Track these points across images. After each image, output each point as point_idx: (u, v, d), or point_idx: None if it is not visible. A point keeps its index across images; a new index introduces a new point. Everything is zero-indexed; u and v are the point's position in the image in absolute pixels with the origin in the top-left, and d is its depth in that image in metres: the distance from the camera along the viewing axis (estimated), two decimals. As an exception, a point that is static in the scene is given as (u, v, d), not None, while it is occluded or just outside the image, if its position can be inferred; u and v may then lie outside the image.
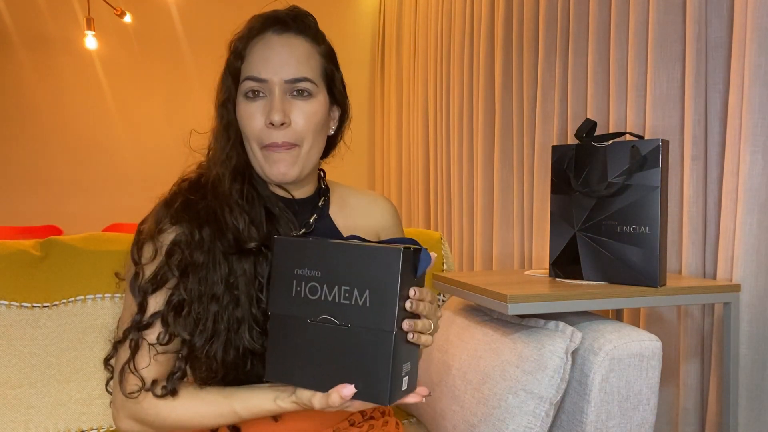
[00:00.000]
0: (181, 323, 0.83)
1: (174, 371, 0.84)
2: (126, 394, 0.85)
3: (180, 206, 0.88)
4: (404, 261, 0.72)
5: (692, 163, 1.48)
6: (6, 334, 1.17)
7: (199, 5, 3.87)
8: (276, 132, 0.88)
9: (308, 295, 0.77)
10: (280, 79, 0.88)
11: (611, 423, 1.08)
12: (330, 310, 0.76)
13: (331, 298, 0.75)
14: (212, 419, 0.84)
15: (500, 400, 1.11)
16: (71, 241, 1.26)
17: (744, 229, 1.33)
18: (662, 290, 1.24)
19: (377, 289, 0.73)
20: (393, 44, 3.66)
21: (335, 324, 0.75)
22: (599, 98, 1.81)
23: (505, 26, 2.33)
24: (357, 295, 0.74)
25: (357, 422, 1.00)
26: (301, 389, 0.78)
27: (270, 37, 0.90)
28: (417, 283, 0.77)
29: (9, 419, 1.16)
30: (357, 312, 0.74)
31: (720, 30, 1.46)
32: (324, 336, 0.76)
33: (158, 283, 0.85)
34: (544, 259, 2.07)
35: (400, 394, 0.76)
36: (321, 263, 0.76)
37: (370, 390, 0.73)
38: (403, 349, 0.75)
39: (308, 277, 0.77)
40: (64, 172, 3.80)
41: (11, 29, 3.71)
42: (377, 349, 0.73)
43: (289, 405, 0.80)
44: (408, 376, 0.77)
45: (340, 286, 0.75)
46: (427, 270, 0.77)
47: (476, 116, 2.59)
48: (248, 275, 0.86)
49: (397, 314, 0.73)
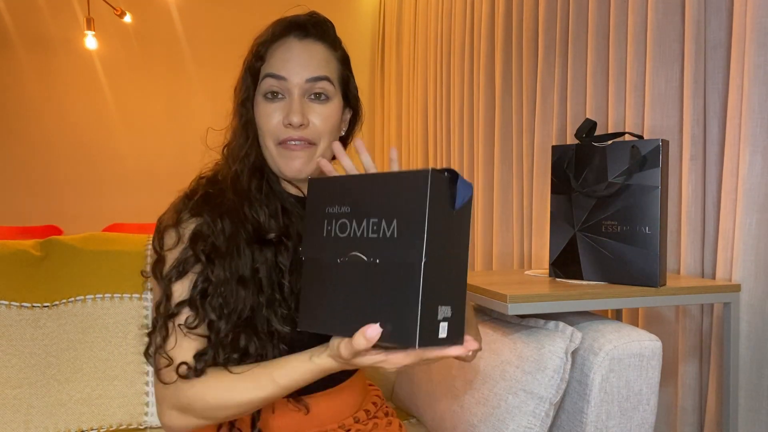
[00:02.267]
0: (209, 306, 0.84)
1: (201, 352, 0.83)
2: (163, 382, 0.83)
3: (200, 198, 0.91)
4: (434, 185, 0.65)
5: (691, 163, 1.48)
6: (6, 334, 1.17)
7: (199, 5, 3.87)
8: (293, 130, 0.91)
9: (338, 233, 0.72)
10: (300, 80, 0.91)
11: (611, 423, 1.08)
12: (358, 245, 0.70)
13: (360, 233, 0.70)
14: (252, 392, 0.81)
15: (500, 400, 1.11)
16: (71, 241, 1.26)
17: (743, 229, 1.33)
18: (662, 290, 1.24)
19: (405, 218, 0.66)
20: (393, 44, 3.66)
21: (363, 260, 0.69)
22: (598, 98, 1.81)
23: (505, 26, 2.33)
24: (385, 227, 0.68)
25: (362, 420, 1.00)
26: (333, 339, 0.74)
27: (291, 41, 0.94)
28: (457, 218, 0.69)
29: (9, 419, 1.16)
30: (385, 245, 0.68)
31: (719, 30, 1.46)
32: (353, 275, 0.70)
33: (182, 270, 0.86)
34: (544, 259, 2.08)
35: (435, 340, 0.67)
36: (350, 197, 0.72)
37: (399, 331, 0.66)
38: (439, 287, 0.67)
39: (338, 214, 0.72)
40: (64, 172, 3.80)
41: (11, 29, 3.71)
42: (406, 284, 0.65)
43: (325, 360, 0.76)
44: (448, 323, 0.68)
45: (368, 219, 0.69)
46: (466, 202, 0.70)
47: (476, 116, 2.59)
48: (270, 263, 0.89)
49: (426, 244, 0.64)
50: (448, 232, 0.68)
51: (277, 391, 0.80)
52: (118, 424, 1.22)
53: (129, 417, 1.22)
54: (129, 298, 1.25)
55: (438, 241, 0.66)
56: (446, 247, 0.68)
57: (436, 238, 0.66)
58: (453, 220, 0.69)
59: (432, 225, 0.65)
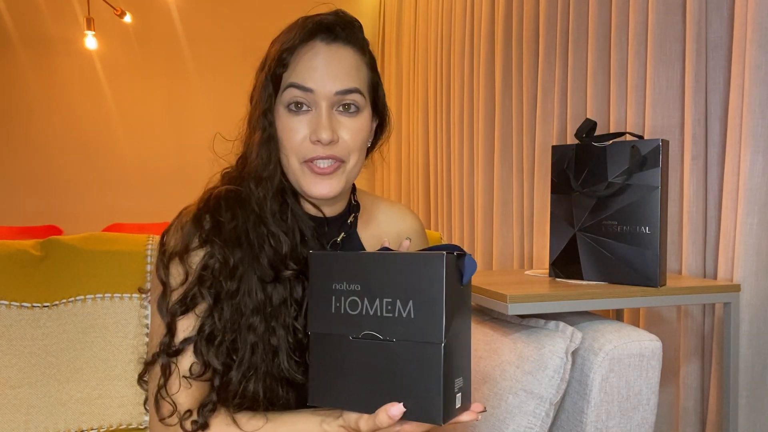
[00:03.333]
0: (214, 352, 0.79)
1: (204, 404, 0.79)
2: (161, 420, 0.80)
3: (211, 227, 0.83)
4: (448, 267, 0.68)
5: (692, 163, 1.48)
6: (6, 334, 1.17)
7: (199, 5, 3.87)
8: (321, 147, 0.83)
9: (348, 310, 0.73)
10: (329, 92, 0.82)
11: (611, 423, 1.08)
12: (372, 324, 0.71)
13: (373, 312, 0.71)
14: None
15: (500, 400, 1.11)
16: (71, 241, 1.26)
17: (744, 229, 1.33)
18: (662, 290, 1.24)
19: (421, 299, 0.68)
20: (393, 44, 3.66)
21: (379, 339, 0.71)
22: (599, 98, 1.81)
23: (505, 26, 2.33)
24: (400, 307, 0.69)
25: None
26: (348, 412, 0.73)
27: (318, 46, 0.84)
28: (463, 293, 0.71)
29: (9, 419, 1.16)
30: (401, 325, 0.69)
31: (720, 30, 1.46)
32: (368, 353, 0.71)
33: (188, 305, 0.80)
34: (544, 259, 2.07)
35: (453, 412, 0.70)
36: (360, 275, 0.72)
37: (422, 409, 0.67)
38: (454, 362, 0.70)
39: (347, 291, 0.73)
40: (64, 172, 3.80)
41: (11, 29, 3.71)
42: (426, 364, 0.67)
43: (336, 429, 0.74)
44: (461, 392, 0.71)
45: (381, 298, 0.70)
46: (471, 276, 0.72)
47: (476, 116, 2.59)
48: (283, 301, 0.82)
49: (445, 324, 0.67)
50: (458, 308, 0.71)
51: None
52: (118, 424, 1.22)
53: (129, 417, 1.22)
54: (129, 298, 1.24)
55: (452, 318, 0.69)
56: (458, 322, 0.71)
57: (451, 316, 0.69)
58: (461, 295, 0.72)
59: (448, 305, 0.68)
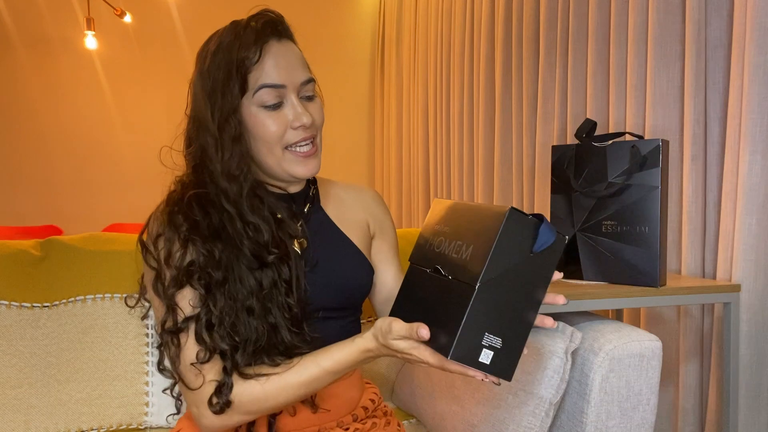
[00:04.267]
0: (218, 336, 0.83)
1: (221, 384, 0.83)
2: (194, 390, 0.84)
3: (188, 228, 0.87)
4: (511, 222, 0.71)
5: (692, 163, 1.48)
6: (6, 334, 1.17)
7: (199, 5, 3.87)
8: (303, 131, 0.91)
9: (435, 247, 0.81)
10: (296, 84, 0.91)
11: (611, 423, 1.08)
12: (443, 261, 0.78)
13: (447, 251, 0.78)
14: (300, 377, 0.83)
15: (500, 400, 1.11)
16: (71, 241, 1.26)
17: (743, 229, 1.33)
18: (662, 290, 1.24)
19: (478, 245, 0.73)
20: (393, 44, 3.66)
21: (441, 275, 0.77)
22: (599, 98, 1.81)
23: (505, 26, 2.33)
24: (464, 249, 0.75)
25: (360, 418, 1.00)
26: (378, 321, 0.79)
27: (273, 44, 0.91)
28: (535, 262, 0.73)
29: (9, 419, 1.16)
30: (460, 265, 0.75)
31: (719, 30, 1.46)
32: (432, 285, 0.78)
33: (182, 281, 0.85)
34: (544, 259, 2.07)
35: (473, 362, 0.71)
36: (452, 220, 0.81)
37: (442, 338, 0.72)
38: (491, 315, 0.71)
39: (441, 231, 0.82)
40: (64, 172, 3.80)
41: (11, 29, 3.71)
42: (460, 301, 0.71)
43: (368, 339, 0.80)
44: (495, 353, 0.72)
45: (456, 240, 0.78)
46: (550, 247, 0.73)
47: (476, 116, 2.59)
48: (273, 284, 0.87)
49: (485, 271, 0.70)
50: (519, 270, 0.72)
51: (324, 375, 0.83)
52: (118, 424, 1.22)
53: (129, 417, 1.22)
54: (129, 298, 1.24)
55: (504, 273, 0.71)
56: (514, 283, 0.72)
57: (501, 269, 0.71)
58: (528, 261, 0.73)
59: (498, 257, 0.71)
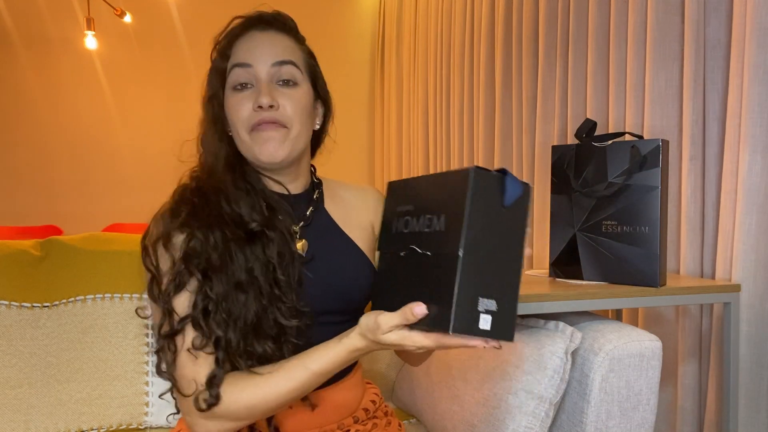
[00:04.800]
0: (214, 322, 0.83)
1: (213, 375, 0.83)
2: (187, 395, 0.83)
3: (187, 214, 0.89)
4: (477, 181, 0.69)
5: (691, 163, 1.48)
6: (6, 334, 1.17)
7: (199, 5, 3.87)
8: (264, 112, 0.90)
9: (403, 229, 0.79)
10: (266, 65, 0.91)
11: (611, 423, 1.08)
12: (416, 239, 0.76)
13: (418, 228, 0.76)
14: (288, 383, 0.82)
15: (500, 400, 1.11)
16: (71, 241, 1.26)
17: (743, 229, 1.33)
18: (662, 290, 1.24)
19: (451, 212, 0.71)
20: (393, 44, 3.66)
21: (419, 252, 0.75)
22: (599, 98, 1.81)
23: (505, 26, 2.33)
24: (436, 221, 0.73)
25: (361, 419, 1.00)
26: (363, 318, 0.78)
27: (254, 34, 0.94)
28: (508, 216, 0.72)
29: (9, 419, 1.16)
30: (436, 238, 0.73)
31: (719, 29, 1.46)
32: (411, 266, 0.76)
33: (179, 284, 0.85)
34: (544, 259, 2.08)
35: (474, 330, 0.69)
36: (413, 196, 0.78)
37: (438, 316, 0.70)
38: (481, 279, 0.70)
39: (404, 211, 0.79)
40: (64, 172, 3.80)
41: (11, 29, 3.71)
42: (447, 273, 0.69)
43: (354, 339, 0.79)
44: (492, 316, 0.70)
45: (425, 215, 0.75)
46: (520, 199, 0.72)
47: (476, 116, 2.59)
48: (261, 260, 0.87)
49: (464, 236, 0.68)
50: (495, 228, 0.71)
51: (312, 378, 0.82)
52: (118, 424, 1.22)
53: (129, 417, 1.22)
54: (129, 298, 1.24)
55: (482, 234, 0.70)
56: (493, 242, 0.71)
57: (478, 231, 0.69)
58: (502, 217, 0.71)
59: (473, 219, 0.69)
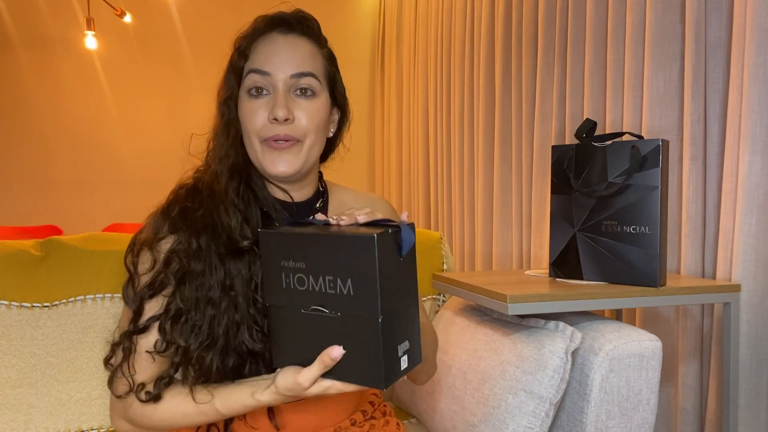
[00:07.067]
0: (179, 331, 0.84)
1: (162, 377, 0.86)
2: (116, 395, 0.88)
3: (178, 215, 0.89)
4: (380, 245, 0.69)
5: (691, 163, 1.48)
6: (6, 334, 1.17)
7: (199, 5, 3.87)
8: (279, 126, 0.88)
9: (297, 286, 0.76)
10: (285, 75, 0.88)
11: (611, 423, 1.08)
12: (319, 300, 0.75)
13: (318, 288, 0.74)
14: (196, 417, 0.85)
15: (500, 400, 1.11)
16: (71, 241, 1.26)
17: (743, 228, 1.33)
18: (662, 290, 1.24)
19: (358, 278, 0.71)
20: (393, 44, 3.66)
21: (326, 313, 0.74)
22: (596, 98, 1.81)
23: (505, 27, 2.33)
24: (341, 284, 0.72)
25: (358, 422, 1.00)
26: (279, 376, 0.77)
27: (275, 36, 0.90)
28: (405, 263, 0.74)
29: (9, 419, 1.16)
30: (343, 301, 0.73)
31: (719, 29, 1.46)
32: (318, 325, 0.75)
33: (155, 290, 0.86)
34: (544, 259, 2.07)
35: (398, 373, 0.75)
36: (303, 254, 0.75)
37: (367, 375, 0.73)
38: (397, 330, 0.74)
39: (294, 268, 0.76)
40: (64, 172, 3.80)
41: (11, 29, 3.71)
42: (367, 337, 0.71)
43: (267, 397, 0.79)
44: (408, 353, 0.76)
45: (324, 276, 0.73)
46: (411, 246, 0.75)
47: (476, 116, 2.59)
48: (244, 276, 0.86)
49: (381, 301, 0.70)
50: (398, 279, 0.74)
51: (220, 418, 0.85)
52: (118, 424, 1.22)
53: (129, 417, 1.22)
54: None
55: (391, 291, 0.72)
56: (398, 292, 0.74)
57: (388, 290, 0.72)
58: (401, 266, 0.74)
59: (384, 281, 0.71)
